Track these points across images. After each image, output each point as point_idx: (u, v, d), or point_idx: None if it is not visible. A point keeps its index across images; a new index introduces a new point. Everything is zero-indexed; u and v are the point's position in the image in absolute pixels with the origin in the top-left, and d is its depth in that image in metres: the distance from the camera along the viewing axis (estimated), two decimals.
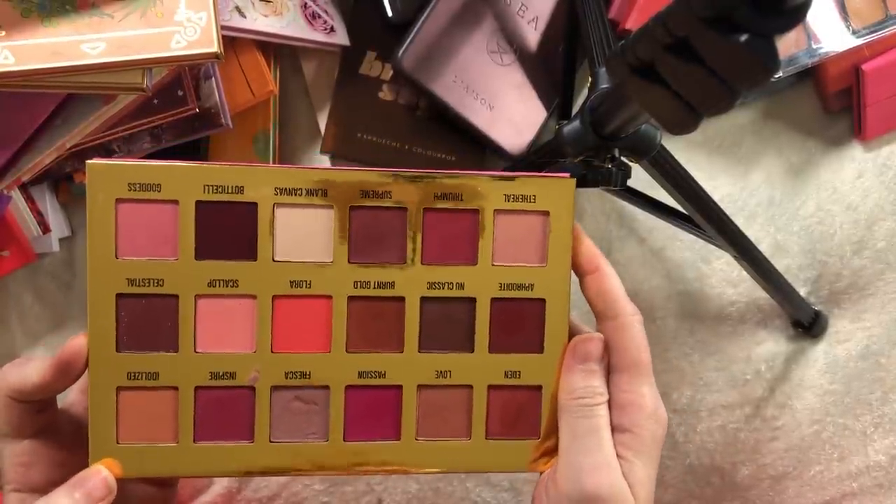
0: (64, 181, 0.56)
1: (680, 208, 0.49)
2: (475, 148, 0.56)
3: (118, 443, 0.32)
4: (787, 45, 0.52)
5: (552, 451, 0.34)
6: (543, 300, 0.34)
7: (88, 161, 0.31)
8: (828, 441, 0.60)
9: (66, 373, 0.31)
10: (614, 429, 0.33)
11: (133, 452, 0.32)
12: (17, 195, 0.54)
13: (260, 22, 0.49)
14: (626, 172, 0.42)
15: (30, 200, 0.55)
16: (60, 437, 0.34)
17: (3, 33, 0.40)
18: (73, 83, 0.42)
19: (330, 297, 0.33)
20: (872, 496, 0.61)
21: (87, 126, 0.47)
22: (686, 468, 0.61)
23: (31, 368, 0.31)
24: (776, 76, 0.54)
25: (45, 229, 0.56)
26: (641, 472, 0.32)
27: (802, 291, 0.59)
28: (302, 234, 0.33)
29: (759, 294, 0.58)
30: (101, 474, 0.31)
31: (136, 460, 0.32)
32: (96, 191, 0.31)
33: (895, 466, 0.61)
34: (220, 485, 0.60)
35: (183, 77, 0.49)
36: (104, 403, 0.32)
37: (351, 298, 0.33)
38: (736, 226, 0.48)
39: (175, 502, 0.39)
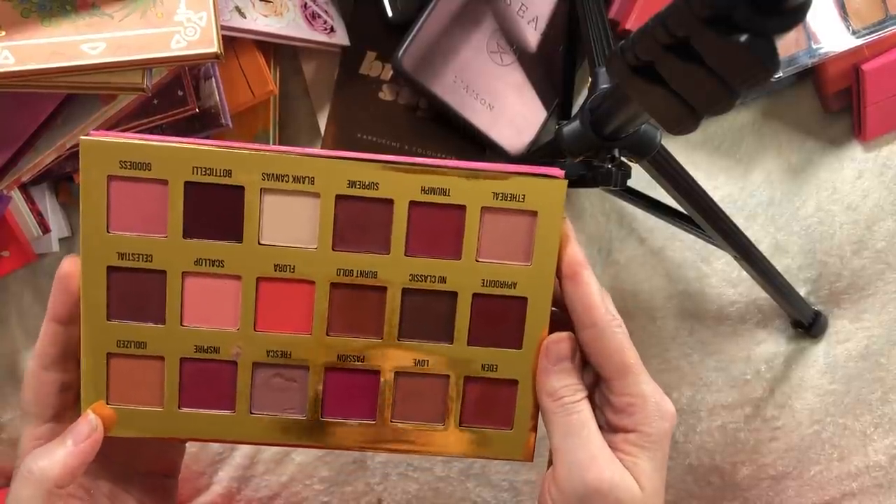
0: (64, 181, 0.56)
1: (680, 208, 0.49)
2: (475, 148, 0.56)
3: (108, 403, 0.34)
4: (787, 45, 0.52)
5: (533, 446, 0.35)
6: (525, 299, 0.34)
7: (82, 137, 0.31)
8: (828, 441, 0.61)
9: (63, 291, 0.33)
10: (619, 430, 0.33)
11: (122, 413, 0.34)
12: (17, 195, 0.54)
13: (260, 22, 0.49)
14: (626, 172, 0.42)
15: (30, 200, 0.55)
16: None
17: (3, 33, 0.40)
18: (72, 83, 0.42)
19: (313, 282, 0.33)
20: (872, 496, 0.61)
21: (87, 126, 0.47)
22: (686, 468, 0.61)
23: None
24: (776, 76, 0.54)
25: (45, 229, 0.56)
26: (647, 465, 0.32)
27: (802, 291, 0.59)
28: (288, 220, 0.33)
29: (759, 294, 0.58)
30: (87, 416, 0.33)
31: (125, 421, 0.34)
32: (89, 166, 0.32)
33: (895, 466, 0.61)
34: (220, 485, 0.60)
35: (183, 77, 0.49)
36: (95, 367, 0.33)
37: (333, 285, 0.34)
38: (736, 226, 0.48)
39: (176, 493, 0.40)
